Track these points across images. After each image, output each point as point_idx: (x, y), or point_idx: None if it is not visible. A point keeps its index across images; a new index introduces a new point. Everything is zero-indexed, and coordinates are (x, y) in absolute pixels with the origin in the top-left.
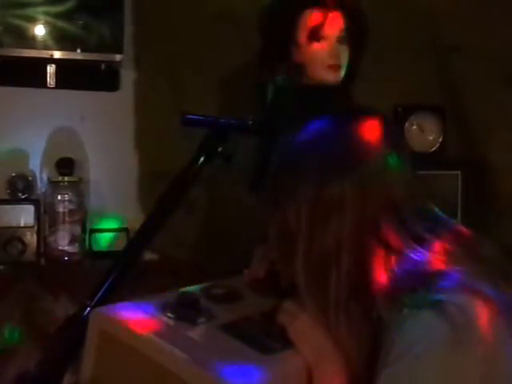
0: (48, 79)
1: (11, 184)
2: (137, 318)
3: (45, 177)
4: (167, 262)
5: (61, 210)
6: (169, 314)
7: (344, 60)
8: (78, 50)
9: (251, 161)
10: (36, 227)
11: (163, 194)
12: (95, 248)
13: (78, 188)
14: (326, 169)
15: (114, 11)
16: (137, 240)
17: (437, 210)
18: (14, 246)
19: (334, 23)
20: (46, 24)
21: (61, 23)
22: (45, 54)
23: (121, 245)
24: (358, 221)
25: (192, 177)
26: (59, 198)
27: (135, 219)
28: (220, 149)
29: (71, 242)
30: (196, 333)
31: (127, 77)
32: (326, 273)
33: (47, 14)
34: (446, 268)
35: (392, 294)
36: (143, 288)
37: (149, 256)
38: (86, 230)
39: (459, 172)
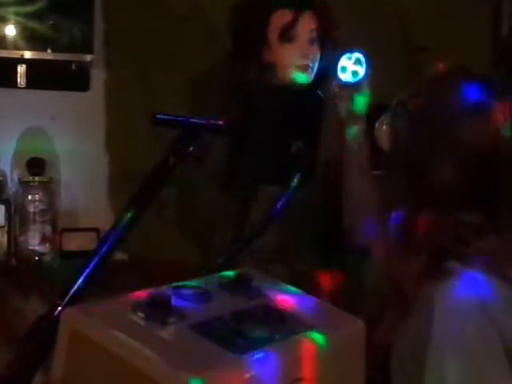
0: (18, 79)
1: None
2: (108, 317)
3: (15, 177)
4: (138, 262)
5: (31, 209)
6: (139, 314)
7: (315, 61)
8: (49, 50)
9: (222, 161)
10: (7, 227)
11: (134, 194)
12: (66, 248)
13: (49, 188)
14: None
15: (85, 11)
16: (107, 240)
17: None
18: None
19: (305, 24)
20: (17, 24)
21: (31, 23)
22: (15, 54)
23: (91, 245)
24: None
25: (163, 177)
26: (30, 197)
27: (106, 219)
28: (191, 149)
29: (42, 242)
30: (167, 333)
31: (98, 77)
32: None
33: (17, 14)
34: None
35: None
36: (114, 288)
37: (119, 256)
38: (56, 230)
39: None
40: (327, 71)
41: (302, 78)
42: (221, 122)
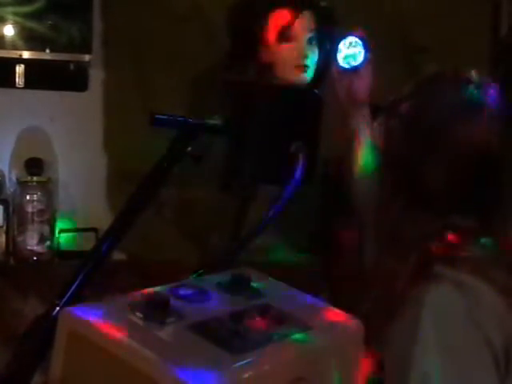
0: (17, 79)
1: None
2: (106, 317)
3: (13, 177)
4: (136, 262)
5: (29, 209)
6: (138, 314)
7: (313, 61)
8: (47, 50)
9: (222, 161)
10: (5, 227)
11: (132, 194)
12: (64, 248)
13: (47, 188)
14: None
15: (83, 11)
16: (105, 240)
17: None
18: None
19: (303, 24)
20: (15, 24)
21: (30, 23)
22: (14, 54)
23: (90, 245)
24: None
25: (161, 177)
26: (28, 197)
27: (104, 219)
28: (189, 148)
29: (40, 242)
30: (165, 333)
31: (96, 77)
32: None
33: (16, 14)
34: None
35: None
36: (112, 288)
37: (117, 256)
38: (54, 230)
39: None
40: (326, 71)
41: (300, 77)
42: (219, 122)
